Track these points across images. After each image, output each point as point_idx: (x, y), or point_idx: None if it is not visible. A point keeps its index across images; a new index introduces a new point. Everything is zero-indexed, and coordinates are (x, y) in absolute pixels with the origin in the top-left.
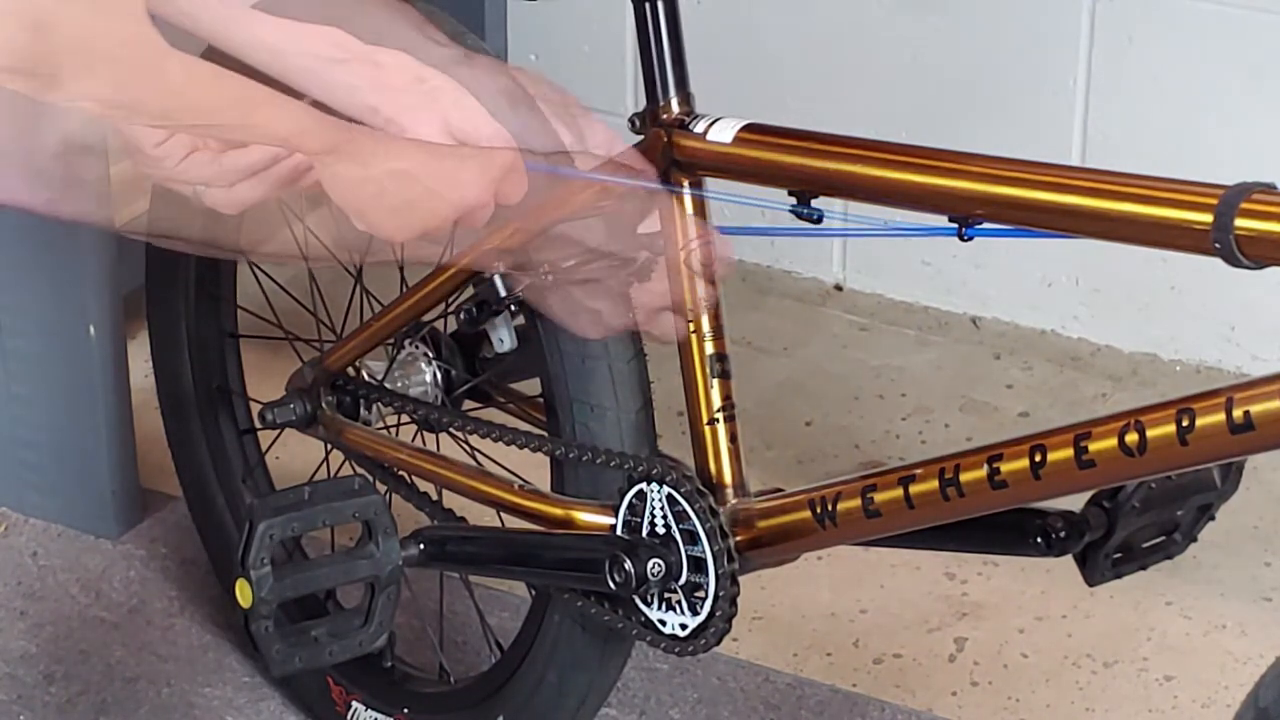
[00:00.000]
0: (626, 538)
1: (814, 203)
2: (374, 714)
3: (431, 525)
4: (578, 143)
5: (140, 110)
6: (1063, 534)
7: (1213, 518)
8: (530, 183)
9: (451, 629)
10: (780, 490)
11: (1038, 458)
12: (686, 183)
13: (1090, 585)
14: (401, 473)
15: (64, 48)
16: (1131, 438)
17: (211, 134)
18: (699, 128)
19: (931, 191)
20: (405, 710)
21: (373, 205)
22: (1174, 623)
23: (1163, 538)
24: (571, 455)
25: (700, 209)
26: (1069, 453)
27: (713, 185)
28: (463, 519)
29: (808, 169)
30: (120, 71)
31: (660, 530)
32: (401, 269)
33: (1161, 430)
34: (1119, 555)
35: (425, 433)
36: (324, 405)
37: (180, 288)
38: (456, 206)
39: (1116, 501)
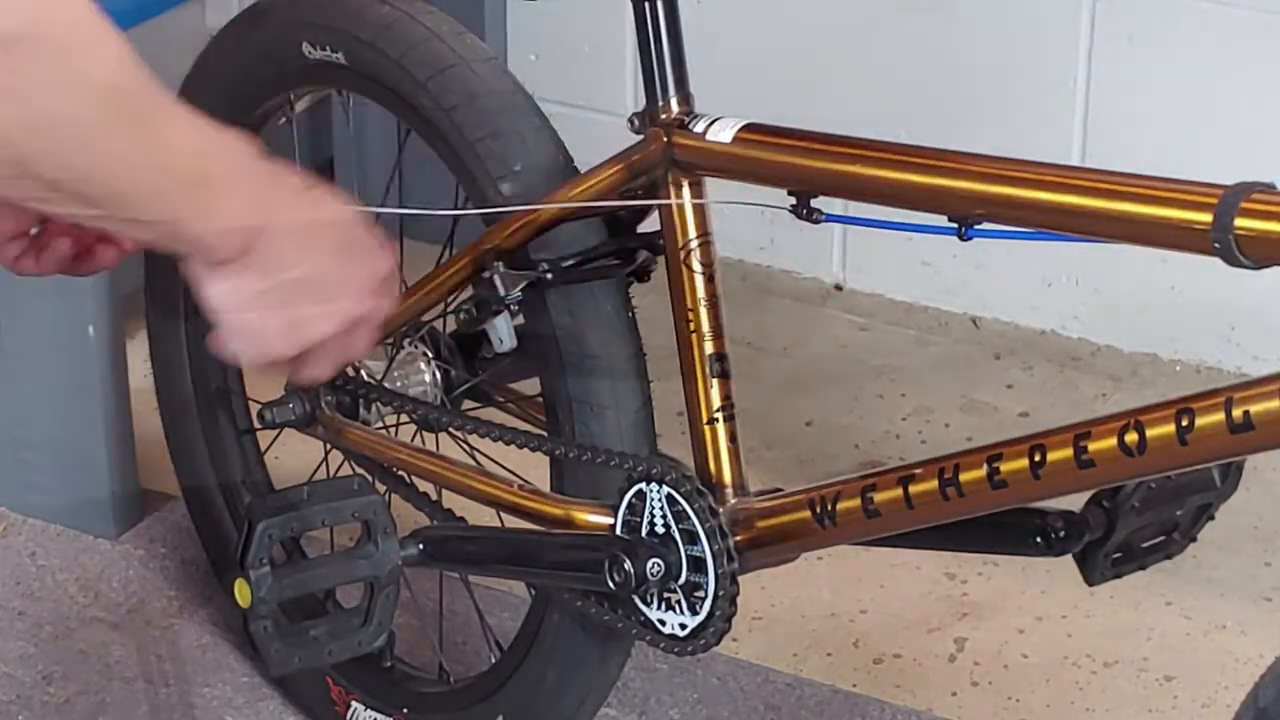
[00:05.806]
0: (626, 538)
1: (814, 203)
2: (373, 714)
3: (431, 525)
4: None
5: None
6: (1063, 534)
7: (1212, 518)
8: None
9: (451, 629)
10: (780, 490)
11: (1037, 458)
12: (686, 183)
13: (1090, 585)
14: (401, 473)
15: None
16: (1131, 438)
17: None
18: (699, 127)
19: (931, 191)
20: (405, 710)
21: (265, 322)
22: (1174, 623)
23: (1162, 537)
24: (571, 455)
25: (699, 209)
26: (1069, 453)
27: (712, 185)
28: (463, 519)
29: (808, 169)
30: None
31: (660, 530)
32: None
33: (1161, 430)
34: (1119, 555)
35: (425, 433)
36: (323, 405)
37: (180, 288)
38: (341, 320)
39: (1116, 501)
